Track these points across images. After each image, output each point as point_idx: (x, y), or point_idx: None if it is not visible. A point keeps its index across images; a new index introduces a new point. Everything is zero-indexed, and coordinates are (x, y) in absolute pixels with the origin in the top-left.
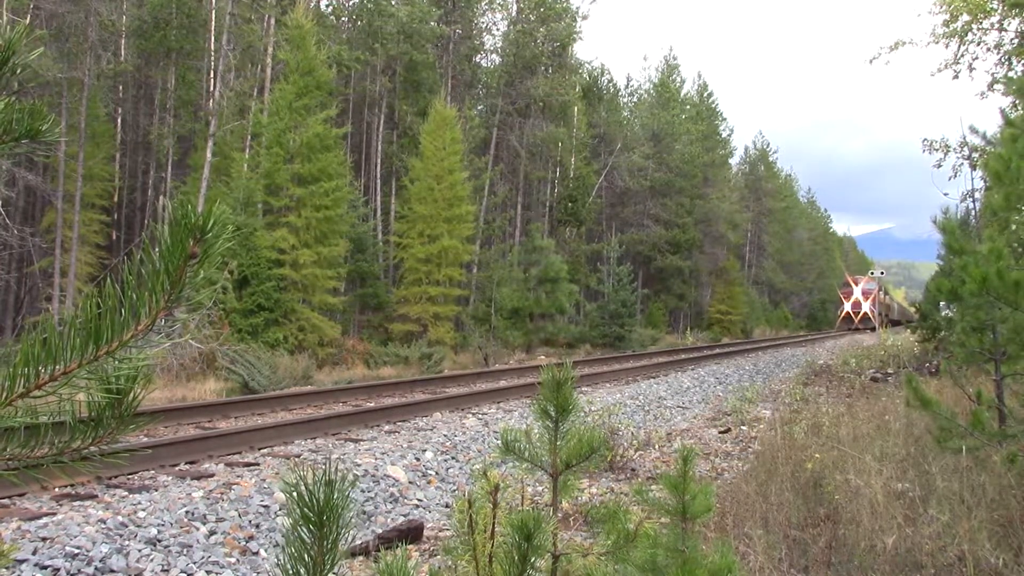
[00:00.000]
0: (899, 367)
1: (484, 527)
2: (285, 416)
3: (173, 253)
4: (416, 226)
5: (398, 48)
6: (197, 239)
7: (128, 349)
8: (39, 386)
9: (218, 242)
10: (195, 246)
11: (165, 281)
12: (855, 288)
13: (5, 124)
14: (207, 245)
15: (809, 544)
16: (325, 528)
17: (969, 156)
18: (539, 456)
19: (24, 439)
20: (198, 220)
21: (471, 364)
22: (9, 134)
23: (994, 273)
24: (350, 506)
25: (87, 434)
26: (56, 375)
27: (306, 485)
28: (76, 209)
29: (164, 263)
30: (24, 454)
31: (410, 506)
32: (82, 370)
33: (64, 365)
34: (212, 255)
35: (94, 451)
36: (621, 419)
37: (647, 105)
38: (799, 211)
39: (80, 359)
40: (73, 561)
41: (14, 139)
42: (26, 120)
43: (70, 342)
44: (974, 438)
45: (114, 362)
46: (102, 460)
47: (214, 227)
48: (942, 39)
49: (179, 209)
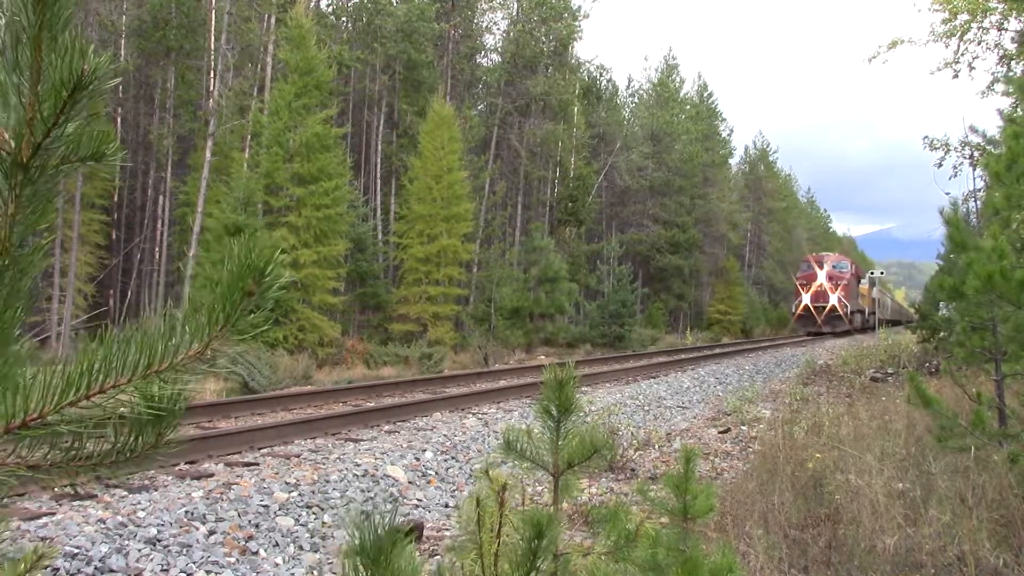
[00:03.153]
0: (899, 367)
1: (491, 526)
2: (285, 416)
3: (232, 288)
4: (415, 226)
5: (397, 47)
6: (256, 279)
7: (175, 371)
8: (90, 396)
9: (274, 285)
10: (253, 284)
11: (222, 314)
12: (818, 271)
13: (75, 146)
14: (264, 287)
15: (809, 544)
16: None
17: (971, 156)
18: (540, 455)
19: (66, 447)
20: (259, 262)
21: (471, 364)
22: (77, 155)
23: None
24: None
25: (127, 447)
26: (107, 387)
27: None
28: (76, 209)
29: (223, 297)
30: (64, 460)
31: (410, 506)
32: (131, 385)
33: (115, 379)
34: (268, 296)
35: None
36: (621, 419)
37: (647, 105)
38: (799, 211)
39: (131, 375)
40: (73, 561)
41: (81, 160)
42: (95, 143)
43: (125, 357)
44: (975, 438)
45: (160, 381)
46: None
47: (273, 271)
48: (942, 38)
49: (243, 248)
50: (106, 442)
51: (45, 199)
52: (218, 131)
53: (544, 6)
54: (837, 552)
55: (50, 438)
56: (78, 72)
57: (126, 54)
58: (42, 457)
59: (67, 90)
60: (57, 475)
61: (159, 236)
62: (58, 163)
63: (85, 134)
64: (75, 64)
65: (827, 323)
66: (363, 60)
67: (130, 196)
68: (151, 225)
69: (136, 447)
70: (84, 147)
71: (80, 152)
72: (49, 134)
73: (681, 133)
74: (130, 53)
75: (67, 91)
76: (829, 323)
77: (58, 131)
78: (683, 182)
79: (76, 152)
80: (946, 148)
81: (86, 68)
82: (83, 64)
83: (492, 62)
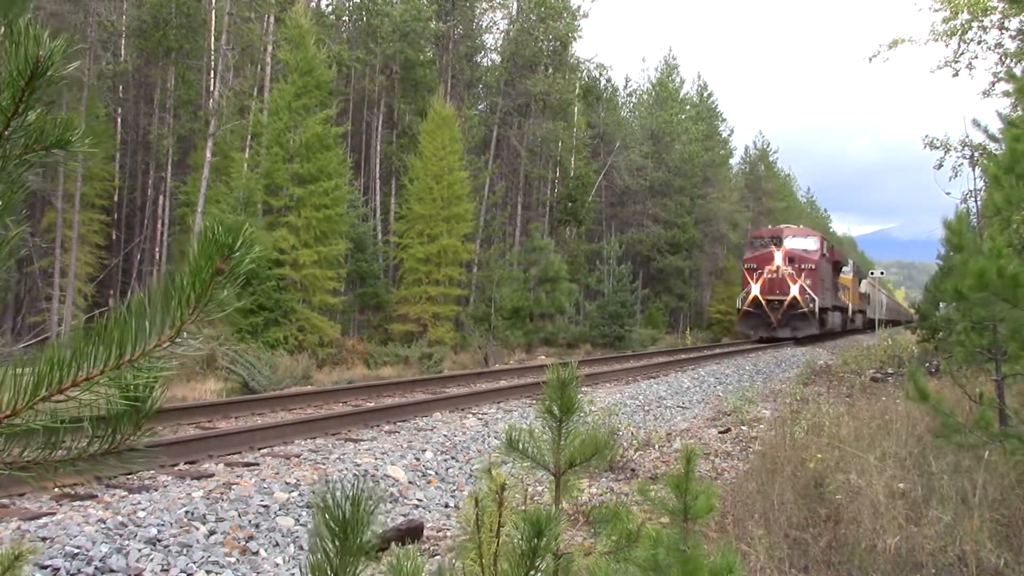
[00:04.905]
0: (899, 367)
1: (490, 526)
2: (285, 416)
3: (201, 268)
4: (415, 226)
5: (394, 47)
6: (225, 256)
7: (150, 359)
8: (62, 391)
9: (245, 260)
10: (223, 263)
11: (192, 294)
12: (775, 252)
13: (37, 134)
14: (234, 263)
15: (810, 544)
16: (349, 542)
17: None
18: (542, 455)
19: (42, 442)
20: (227, 238)
21: (471, 364)
22: (40, 143)
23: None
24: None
25: (104, 439)
26: (79, 380)
27: (334, 498)
28: (76, 209)
29: (192, 277)
30: (41, 457)
31: (410, 506)
32: (104, 377)
33: (87, 371)
34: (238, 273)
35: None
36: (621, 419)
37: (646, 105)
38: (799, 211)
39: (104, 366)
40: (73, 561)
41: (45, 148)
42: (58, 130)
43: (95, 349)
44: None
45: (134, 371)
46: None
47: (242, 246)
48: (942, 37)
49: (211, 226)
50: (83, 436)
51: (11, 189)
52: (218, 131)
53: (543, 6)
54: (838, 552)
55: (26, 435)
56: (34, 60)
57: (126, 54)
58: (19, 454)
59: (24, 79)
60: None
61: (159, 236)
62: (21, 152)
63: (48, 122)
64: (30, 52)
65: (786, 324)
66: (362, 60)
67: (130, 196)
68: (151, 225)
69: (114, 439)
70: (48, 135)
71: (44, 140)
72: (9, 124)
73: (681, 133)
74: (130, 53)
75: (24, 80)
76: (789, 324)
77: (19, 121)
78: (683, 182)
79: (40, 141)
80: (946, 148)
81: (41, 55)
82: (39, 51)
83: (492, 62)
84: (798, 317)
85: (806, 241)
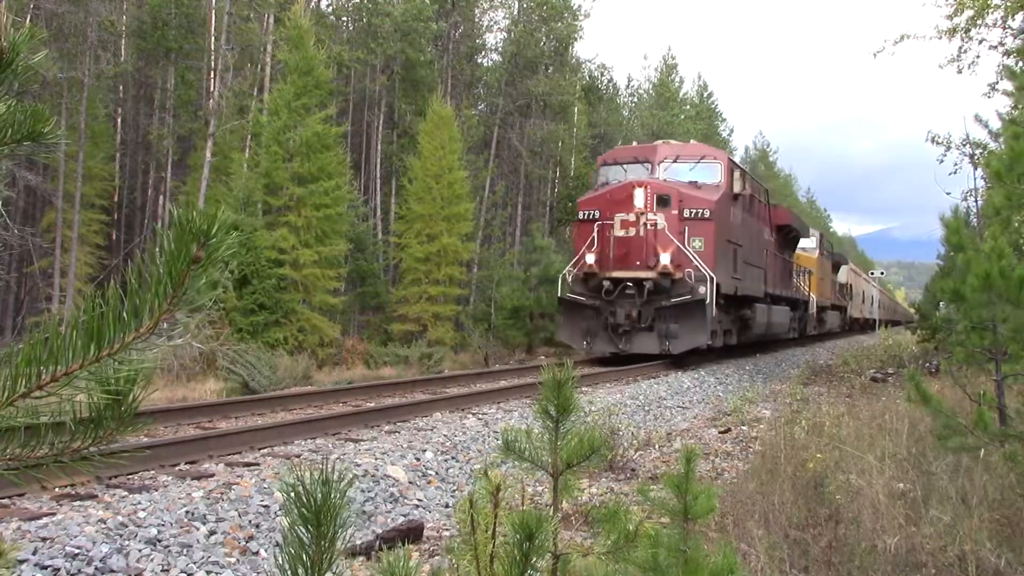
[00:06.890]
0: (899, 367)
1: (486, 527)
2: (285, 416)
3: (177, 256)
4: (415, 225)
5: (394, 47)
6: (201, 243)
7: (130, 351)
8: (40, 387)
9: (222, 247)
10: (199, 250)
11: (168, 284)
12: (636, 189)
13: (7, 126)
14: (211, 249)
15: (810, 544)
16: (323, 527)
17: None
18: (540, 456)
19: (25, 439)
20: (202, 224)
21: (471, 364)
22: (11, 136)
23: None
24: (348, 506)
25: (87, 435)
26: (58, 376)
27: (304, 485)
28: (76, 209)
29: (168, 266)
30: (25, 454)
31: (410, 506)
32: (83, 371)
33: (66, 366)
34: (215, 259)
35: (94, 452)
36: (621, 419)
37: (646, 105)
38: (798, 211)
39: (82, 360)
40: (73, 561)
41: (16, 140)
42: (28, 122)
43: (72, 343)
44: (976, 437)
45: (115, 364)
46: (102, 461)
47: (218, 232)
48: (945, 34)
49: (183, 213)
50: (66, 433)
51: None
52: (218, 131)
53: (545, 6)
54: (838, 552)
55: (7, 434)
56: None
57: (126, 55)
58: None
59: None
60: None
61: None
62: None
63: (19, 113)
64: None
65: (648, 325)
66: (362, 60)
67: (130, 196)
68: (151, 225)
69: (97, 435)
70: (18, 128)
71: (14, 133)
72: None
73: (681, 133)
74: (130, 53)
75: None
76: (655, 324)
77: None
78: None
79: (10, 133)
80: (947, 145)
81: (5, 45)
82: (2, 41)
83: (492, 62)
84: (674, 311)
85: (699, 168)
